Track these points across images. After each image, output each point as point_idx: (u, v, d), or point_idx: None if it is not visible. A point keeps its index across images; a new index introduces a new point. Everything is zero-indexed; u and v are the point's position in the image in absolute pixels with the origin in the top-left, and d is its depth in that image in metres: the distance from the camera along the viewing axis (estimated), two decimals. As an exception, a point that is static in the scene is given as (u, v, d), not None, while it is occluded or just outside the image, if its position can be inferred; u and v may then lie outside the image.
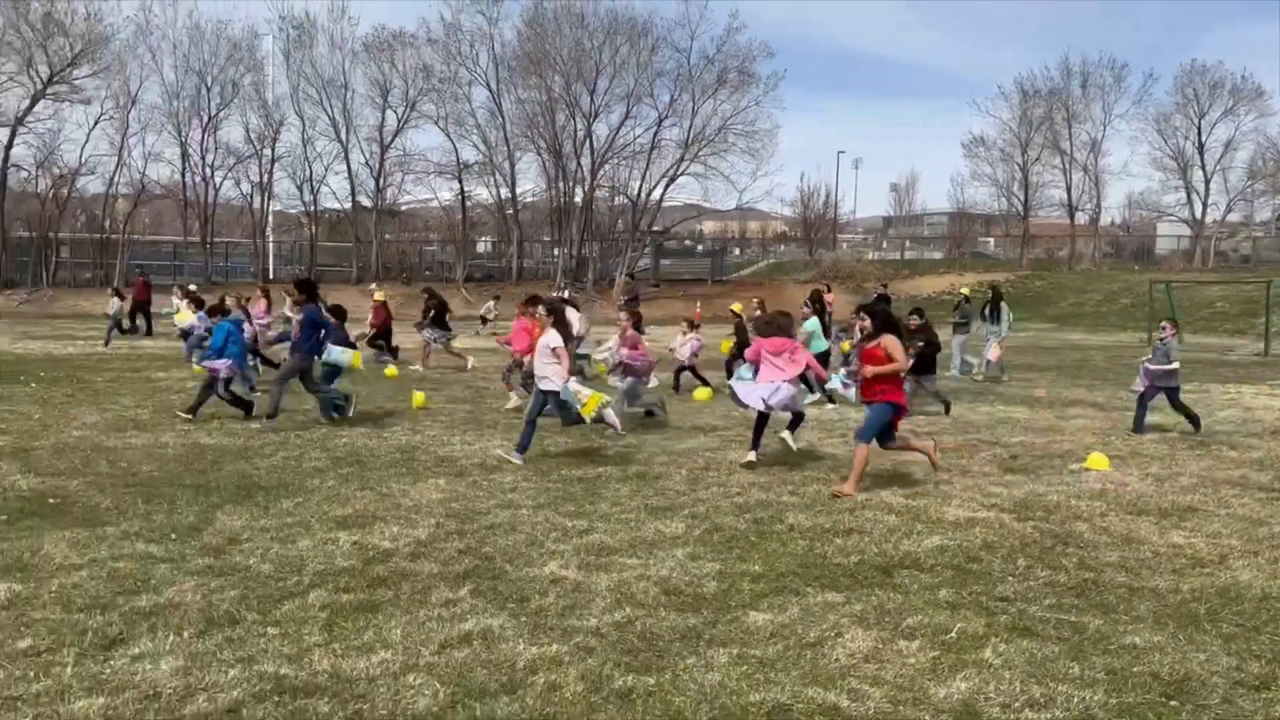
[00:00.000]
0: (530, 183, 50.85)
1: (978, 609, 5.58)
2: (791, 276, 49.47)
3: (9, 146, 40.61)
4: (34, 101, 40.19)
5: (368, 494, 8.12)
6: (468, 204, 49.08)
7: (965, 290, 19.56)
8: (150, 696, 4.26)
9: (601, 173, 47.44)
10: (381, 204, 47.41)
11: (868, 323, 11.24)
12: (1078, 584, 6.02)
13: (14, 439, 10.33)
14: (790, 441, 10.09)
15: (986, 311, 19.00)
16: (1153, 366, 11.89)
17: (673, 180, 47.25)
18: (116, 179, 43.83)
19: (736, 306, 16.42)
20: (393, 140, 46.30)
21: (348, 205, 48.26)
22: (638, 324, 13.57)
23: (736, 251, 63.05)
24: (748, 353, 9.90)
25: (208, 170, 44.81)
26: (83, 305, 37.80)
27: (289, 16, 44.76)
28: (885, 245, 68.08)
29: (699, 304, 30.26)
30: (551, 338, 9.60)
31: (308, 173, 46.39)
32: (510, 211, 48.04)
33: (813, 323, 14.62)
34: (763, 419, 9.69)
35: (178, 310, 19.90)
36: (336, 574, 5.98)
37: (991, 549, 6.79)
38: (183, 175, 44.69)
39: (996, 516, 7.67)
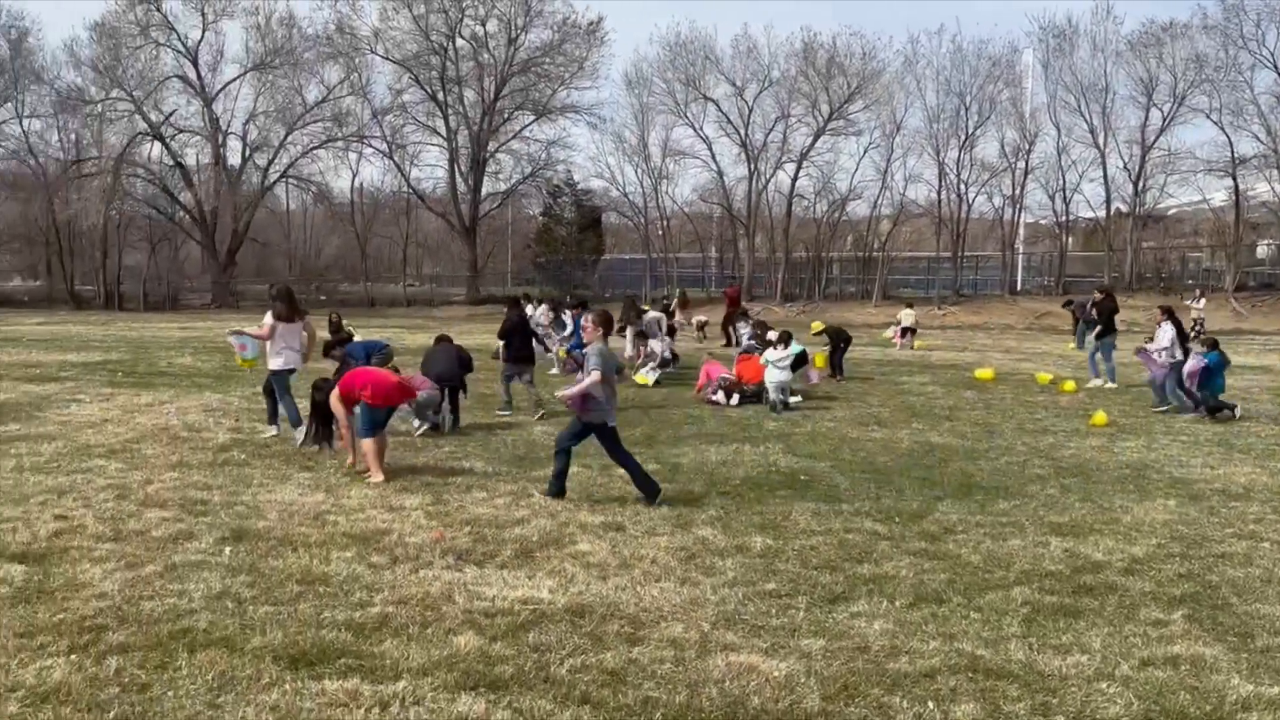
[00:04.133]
0: (1330, 174, 42.86)
1: None
2: None
3: (795, 179, 47.36)
4: (816, 138, 46.27)
5: (1087, 506, 7.93)
6: (1244, 204, 43.25)
7: None
8: (861, 648, 4.88)
9: None
10: (1139, 209, 44.35)
11: None
12: None
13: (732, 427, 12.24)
14: None
15: None
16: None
17: None
18: (879, 201, 48.18)
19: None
20: (1155, 140, 42.98)
21: (1102, 213, 46.15)
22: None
23: None
24: None
25: (962, 187, 46.65)
26: (846, 316, 42.33)
27: (1050, 26, 44.45)
28: None
29: None
30: None
31: (1061, 182, 45.46)
32: (1300, 209, 41.16)
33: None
34: None
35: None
36: (1042, 576, 6.04)
37: None
38: (939, 193, 47.15)
39: None
